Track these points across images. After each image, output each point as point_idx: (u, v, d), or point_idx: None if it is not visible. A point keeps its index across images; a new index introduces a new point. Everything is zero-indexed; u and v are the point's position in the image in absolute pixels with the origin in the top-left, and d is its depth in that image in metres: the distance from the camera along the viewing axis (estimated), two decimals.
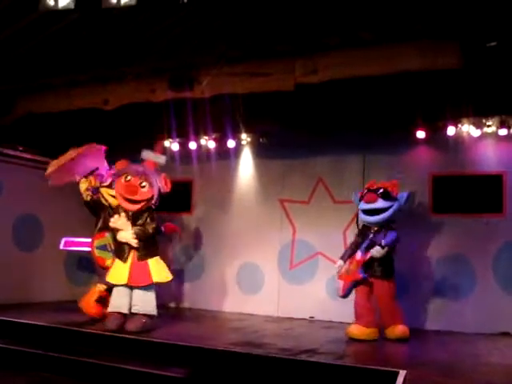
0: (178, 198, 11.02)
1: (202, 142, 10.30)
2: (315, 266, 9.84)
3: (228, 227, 10.52)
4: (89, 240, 9.00)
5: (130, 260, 7.65)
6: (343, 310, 8.61)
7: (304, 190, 10.02)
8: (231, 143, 10.15)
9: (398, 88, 7.97)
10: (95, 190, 8.64)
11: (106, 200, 8.62)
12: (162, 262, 7.84)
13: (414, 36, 6.61)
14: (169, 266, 8.13)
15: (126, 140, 9.96)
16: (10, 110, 8.91)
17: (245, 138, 10.19)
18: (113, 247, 8.52)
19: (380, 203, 7.86)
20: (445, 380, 5.40)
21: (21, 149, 10.11)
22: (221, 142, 10.22)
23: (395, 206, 7.90)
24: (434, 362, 6.38)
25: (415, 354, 6.97)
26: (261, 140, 10.13)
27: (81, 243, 9.55)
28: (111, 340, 7.22)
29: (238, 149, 10.44)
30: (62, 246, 9.23)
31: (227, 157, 10.48)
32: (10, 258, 9.66)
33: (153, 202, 7.75)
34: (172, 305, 10.74)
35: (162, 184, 7.69)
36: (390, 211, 7.87)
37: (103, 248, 8.69)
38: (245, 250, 10.31)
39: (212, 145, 10.31)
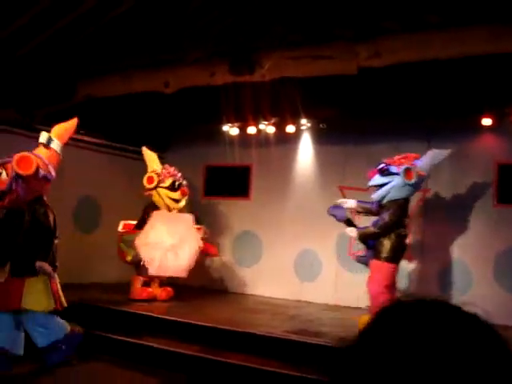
0: (236, 183, 11.01)
1: (262, 126, 10.22)
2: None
3: (286, 213, 10.42)
4: None
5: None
6: None
7: (364, 177, 9.82)
8: (291, 128, 10.03)
9: (463, 72, 7.70)
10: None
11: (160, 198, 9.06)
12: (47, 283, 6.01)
13: (482, 19, 6.35)
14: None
15: (184, 124, 9.98)
16: (72, 94, 8.99)
17: (305, 123, 10.05)
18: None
19: (375, 180, 7.46)
20: None
21: (82, 132, 10.20)
22: (280, 126, 10.11)
23: (394, 182, 7.25)
24: None
25: None
26: (321, 125, 9.99)
27: None
28: (160, 322, 7.25)
29: (298, 134, 10.32)
30: (120, 228, 9.32)
31: (286, 142, 10.37)
32: (71, 239, 9.77)
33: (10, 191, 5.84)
34: (228, 290, 10.73)
35: (14, 166, 5.75)
36: (386, 188, 7.29)
37: (129, 243, 8.91)
38: (303, 237, 10.20)
39: (271, 130, 10.22)
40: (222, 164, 11.07)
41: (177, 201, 9.17)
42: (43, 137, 6.18)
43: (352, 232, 7.43)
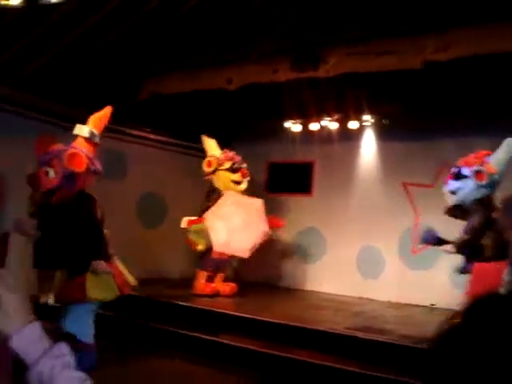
0: (298, 180, 11.00)
1: (324, 123, 10.17)
2: (438, 251, 9.51)
3: (349, 210, 10.35)
4: None
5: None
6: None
7: (429, 173, 9.69)
8: (354, 124, 9.96)
9: None
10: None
11: (221, 181, 9.13)
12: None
13: None
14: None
15: (248, 120, 10.02)
16: (137, 92, 9.14)
17: (368, 119, 9.97)
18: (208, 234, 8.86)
19: (449, 185, 7.24)
20: None
21: (147, 130, 10.37)
22: (343, 123, 10.05)
23: (467, 188, 7.00)
24: None
25: None
26: (383, 121, 9.87)
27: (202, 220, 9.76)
28: (229, 319, 7.31)
29: (361, 130, 10.24)
30: (183, 225, 9.42)
31: (349, 138, 10.28)
32: (135, 235, 9.94)
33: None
34: (291, 286, 10.73)
35: (65, 164, 5.59)
36: (461, 194, 7.06)
37: (198, 232, 8.98)
38: (366, 234, 10.12)
39: (334, 126, 10.16)
40: (284, 160, 11.08)
41: (238, 183, 9.25)
42: (84, 130, 5.82)
43: (449, 249, 7.24)
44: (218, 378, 6.03)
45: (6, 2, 5.20)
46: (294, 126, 10.42)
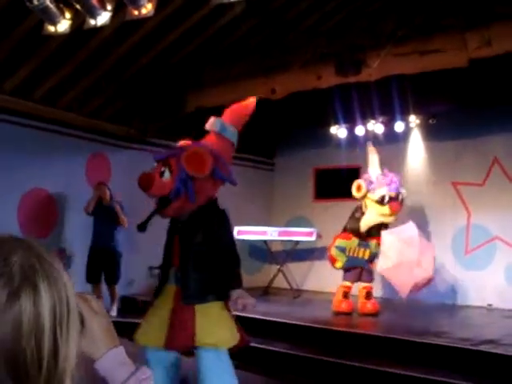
0: (345, 185, 10.93)
1: (370, 126, 10.10)
2: (493, 250, 9.39)
3: (399, 213, 10.20)
4: (260, 229, 9.20)
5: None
6: None
7: (478, 171, 9.55)
8: (399, 126, 9.85)
9: None
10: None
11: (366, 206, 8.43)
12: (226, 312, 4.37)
13: None
14: None
15: (293, 127, 10.01)
16: (182, 107, 9.21)
17: (413, 120, 9.87)
18: (352, 254, 8.41)
19: None
20: None
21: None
22: (388, 125, 9.96)
23: None
24: None
25: None
26: (430, 121, 9.76)
27: (252, 232, 9.76)
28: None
29: (407, 132, 10.12)
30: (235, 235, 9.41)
31: (395, 141, 10.17)
32: None
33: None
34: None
35: (184, 165, 4.24)
36: None
37: (341, 249, 8.47)
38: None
39: (379, 129, 10.07)
40: (331, 166, 11.01)
41: (385, 215, 8.34)
42: (216, 124, 4.55)
43: None
44: None
45: (54, 30, 5.31)
46: (339, 132, 10.37)
